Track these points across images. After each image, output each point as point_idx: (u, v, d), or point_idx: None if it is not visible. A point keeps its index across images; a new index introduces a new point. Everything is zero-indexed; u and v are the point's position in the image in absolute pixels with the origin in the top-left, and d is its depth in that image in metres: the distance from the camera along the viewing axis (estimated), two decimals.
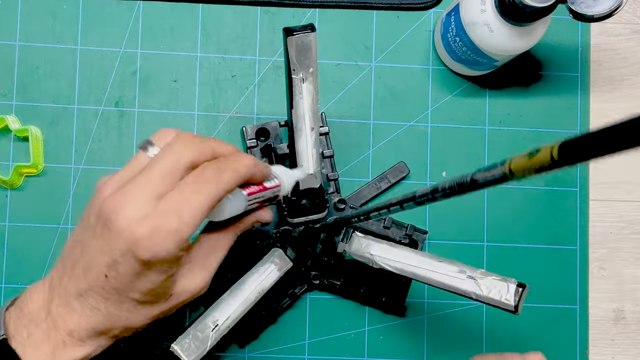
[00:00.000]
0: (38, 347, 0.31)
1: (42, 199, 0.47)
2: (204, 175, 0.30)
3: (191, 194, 0.30)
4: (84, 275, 0.31)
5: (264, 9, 0.49)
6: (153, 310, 0.32)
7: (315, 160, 0.41)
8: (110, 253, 0.30)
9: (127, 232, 0.29)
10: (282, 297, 0.47)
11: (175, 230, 0.29)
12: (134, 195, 0.29)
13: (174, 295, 0.33)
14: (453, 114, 0.50)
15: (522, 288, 0.36)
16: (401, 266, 0.40)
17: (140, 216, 0.29)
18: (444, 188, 0.27)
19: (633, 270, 0.50)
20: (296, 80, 0.37)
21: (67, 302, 0.31)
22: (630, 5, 0.51)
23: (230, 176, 0.31)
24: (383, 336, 0.48)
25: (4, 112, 0.47)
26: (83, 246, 0.31)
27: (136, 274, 0.30)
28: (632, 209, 0.50)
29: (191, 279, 0.33)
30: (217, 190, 0.30)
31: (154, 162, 0.31)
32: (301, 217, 0.45)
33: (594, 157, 0.18)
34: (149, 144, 0.33)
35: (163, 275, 0.31)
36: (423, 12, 0.50)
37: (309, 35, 0.35)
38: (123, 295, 0.31)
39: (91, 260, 0.31)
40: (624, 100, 0.51)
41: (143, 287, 0.31)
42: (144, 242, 0.29)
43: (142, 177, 0.30)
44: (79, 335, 0.32)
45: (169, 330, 0.47)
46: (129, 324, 0.32)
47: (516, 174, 0.22)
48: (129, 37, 0.48)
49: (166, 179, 0.30)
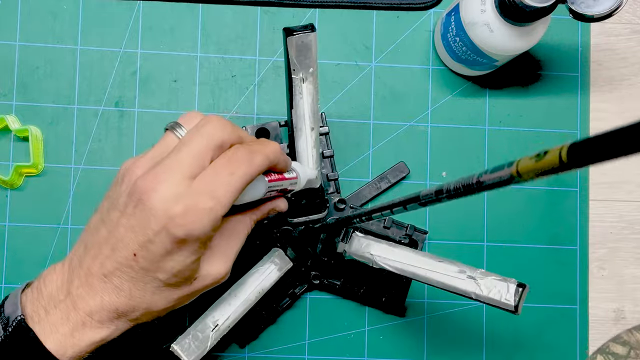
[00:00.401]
0: (57, 327, 0.31)
1: (42, 199, 0.47)
2: (237, 156, 0.31)
3: (226, 174, 0.30)
4: (111, 255, 0.31)
5: (264, 9, 0.49)
6: (176, 293, 0.33)
7: (315, 160, 0.41)
8: (143, 231, 0.30)
9: (162, 211, 0.29)
10: (282, 297, 0.47)
11: (210, 209, 0.30)
12: (167, 175, 0.30)
13: (198, 279, 0.33)
14: (453, 114, 0.50)
15: (522, 288, 0.36)
16: (401, 266, 0.40)
17: (174, 195, 0.29)
18: (449, 189, 0.27)
19: (633, 270, 0.50)
20: (296, 80, 0.37)
21: (89, 283, 0.32)
22: (630, 5, 0.51)
23: (261, 159, 0.32)
24: (383, 336, 0.48)
25: (4, 112, 0.47)
26: (110, 226, 0.31)
27: (167, 253, 0.30)
28: (632, 209, 0.50)
29: (214, 264, 0.34)
30: (250, 171, 0.31)
31: (185, 143, 0.31)
32: (301, 217, 0.45)
33: (604, 159, 0.18)
34: (178, 125, 0.33)
35: (192, 256, 0.31)
36: (423, 12, 0.50)
37: (309, 35, 0.35)
38: (149, 276, 0.31)
39: (120, 240, 0.31)
40: (624, 100, 0.51)
41: (171, 267, 0.31)
42: (178, 220, 0.29)
43: (174, 157, 0.31)
44: (99, 317, 0.32)
45: (169, 330, 0.47)
46: (151, 306, 0.32)
47: (524, 176, 0.22)
48: (129, 37, 0.48)
49: (198, 159, 0.31)
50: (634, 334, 0.43)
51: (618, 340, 0.44)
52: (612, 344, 0.44)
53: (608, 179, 0.50)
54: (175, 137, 0.33)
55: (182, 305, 0.34)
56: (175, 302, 0.33)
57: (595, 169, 0.50)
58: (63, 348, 0.31)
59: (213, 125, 0.32)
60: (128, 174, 0.32)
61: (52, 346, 0.31)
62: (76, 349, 0.32)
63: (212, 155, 0.31)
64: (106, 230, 0.32)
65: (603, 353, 0.43)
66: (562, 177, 0.50)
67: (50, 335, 0.31)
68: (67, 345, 0.31)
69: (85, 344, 0.32)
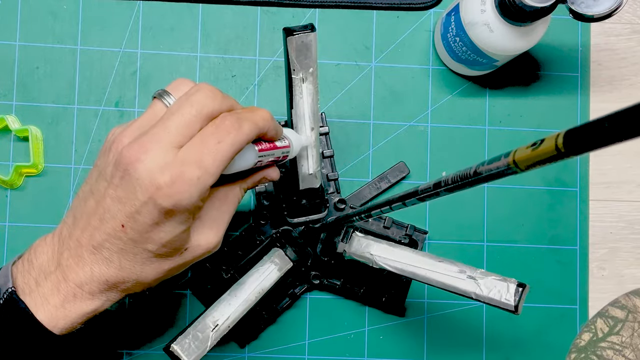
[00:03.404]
0: (47, 299, 0.31)
1: (42, 199, 0.47)
2: (225, 124, 0.30)
3: (213, 143, 0.30)
4: (99, 227, 0.31)
5: (264, 9, 0.49)
6: (166, 264, 0.32)
7: (315, 160, 0.41)
8: (130, 203, 0.29)
9: (148, 181, 0.29)
10: (282, 297, 0.47)
11: (198, 179, 0.29)
12: (154, 144, 0.29)
13: (189, 249, 0.33)
14: (453, 114, 0.50)
15: (522, 288, 0.36)
16: (401, 266, 0.40)
17: (161, 165, 0.29)
18: (446, 182, 0.27)
19: (633, 270, 0.50)
20: (296, 80, 0.37)
21: (79, 254, 0.31)
22: (630, 5, 0.51)
23: (249, 127, 0.31)
24: (383, 336, 0.48)
25: (4, 112, 0.47)
26: (98, 197, 0.31)
27: (155, 223, 0.30)
28: (632, 209, 0.50)
29: (204, 234, 0.33)
30: (239, 140, 0.30)
31: (174, 112, 0.30)
32: (301, 217, 0.45)
33: (601, 146, 0.17)
34: (166, 93, 0.32)
35: (181, 226, 0.31)
36: (423, 12, 0.50)
37: (308, 35, 0.35)
38: (139, 247, 0.31)
39: (108, 211, 0.30)
40: (624, 100, 0.51)
41: (160, 237, 0.30)
42: (165, 190, 0.29)
43: (162, 126, 0.30)
44: (89, 288, 0.31)
45: (169, 330, 0.47)
46: (142, 277, 0.32)
47: (521, 165, 0.21)
48: (129, 37, 0.48)
49: (186, 128, 0.30)
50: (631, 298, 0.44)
51: (617, 304, 0.44)
52: (610, 308, 0.44)
53: (608, 179, 0.50)
54: (163, 106, 0.32)
55: (174, 275, 0.34)
56: (166, 273, 0.33)
57: (595, 169, 0.50)
58: (54, 320, 0.31)
59: (203, 94, 0.31)
60: (115, 143, 0.31)
61: (43, 318, 0.31)
62: (67, 321, 0.31)
63: (201, 125, 0.30)
64: (94, 201, 0.31)
65: (602, 316, 0.44)
66: (562, 177, 0.50)
67: (41, 307, 0.31)
68: (59, 316, 0.31)
69: (77, 315, 0.31)
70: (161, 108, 0.32)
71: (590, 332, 0.45)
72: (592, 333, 0.45)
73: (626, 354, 0.44)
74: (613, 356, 0.44)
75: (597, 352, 0.44)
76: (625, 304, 0.44)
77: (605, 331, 0.45)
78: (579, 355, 0.44)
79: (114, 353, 0.47)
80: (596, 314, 0.47)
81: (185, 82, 0.33)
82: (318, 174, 0.42)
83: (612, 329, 0.44)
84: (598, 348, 0.44)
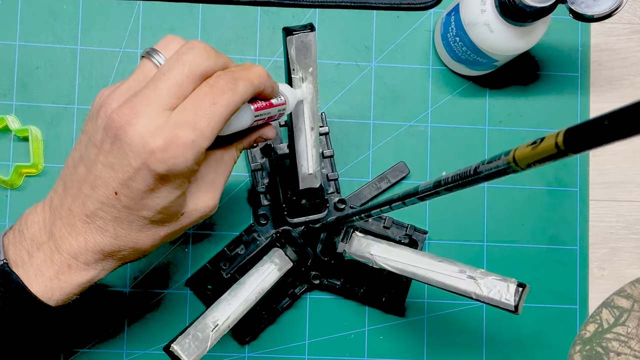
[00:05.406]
0: (41, 270, 0.30)
1: (42, 199, 0.47)
2: (219, 84, 0.29)
3: (208, 104, 0.28)
4: (91, 195, 0.29)
5: (264, 9, 0.49)
6: (163, 230, 0.31)
7: (315, 160, 0.41)
8: (123, 169, 0.28)
9: (141, 146, 0.27)
10: (282, 297, 0.47)
11: (192, 142, 0.28)
12: (145, 107, 0.28)
13: (185, 214, 0.32)
14: (453, 114, 0.50)
15: (522, 288, 0.36)
16: (401, 266, 0.40)
17: (153, 128, 0.27)
18: (447, 181, 0.27)
19: (633, 270, 0.50)
20: (296, 80, 0.37)
21: (71, 224, 0.30)
22: (630, 5, 0.51)
23: (245, 86, 0.30)
24: (383, 336, 0.48)
25: (4, 112, 0.47)
26: (88, 164, 0.29)
27: (149, 189, 0.29)
28: (632, 209, 0.50)
29: (201, 197, 0.32)
30: (234, 100, 0.29)
31: (165, 72, 0.29)
32: (301, 217, 0.45)
33: (601, 144, 0.17)
34: (155, 52, 0.30)
35: (176, 191, 0.30)
36: (423, 12, 0.50)
37: (308, 35, 0.35)
38: (133, 214, 0.29)
39: (99, 178, 0.29)
40: (624, 100, 0.51)
41: (155, 204, 0.29)
42: (159, 154, 0.27)
43: (153, 87, 0.28)
44: (84, 259, 0.30)
45: (169, 330, 0.47)
46: (138, 245, 0.31)
47: (520, 163, 0.21)
48: (129, 37, 0.48)
49: (179, 89, 0.28)
50: (637, 287, 0.44)
51: (622, 293, 0.44)
52: (616, 298, 0.44)
53: (608, 179, 0.50)
54: (153, 65, 0.30)
55: (171, 240, 0.32)
56: (163, 239, 0.32)
57: (595, 169, 0.50)
58: (49, 292, 0.30)
59: (196, 52, 0.29)
60: (103, 106, 0.29)
61: (37, 290, 0.30)
62: (63, 292, 0.30)
63: (195, 85, 0.29)
64: (85, 168, 0.30)
65: (608, 307, 0.44)
66: (562, 177, 0.50)
67: (35, 279, 0.30)
68: (54, 288, 0.30)
69: (72, 287, 0.31)
70: (151, 68, 0.30)
71: (596, 323, 0.45)
72: (598, 324, 0.45)
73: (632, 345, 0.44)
74: (618, 347, 0.44)
75: (603, 344, 0.44)
76: (631, 293, 0.44)
77: (611, 322, 0.45)
78: (584, 347, 0.44)
79: (115, 353, 0.47)
80: (601, 304, 0.47)
81: (176, 39, 0.31)
82: (318, 173, 0.42)
83: (617, 320, 0.44)
84: (603, 339, 0.44)
